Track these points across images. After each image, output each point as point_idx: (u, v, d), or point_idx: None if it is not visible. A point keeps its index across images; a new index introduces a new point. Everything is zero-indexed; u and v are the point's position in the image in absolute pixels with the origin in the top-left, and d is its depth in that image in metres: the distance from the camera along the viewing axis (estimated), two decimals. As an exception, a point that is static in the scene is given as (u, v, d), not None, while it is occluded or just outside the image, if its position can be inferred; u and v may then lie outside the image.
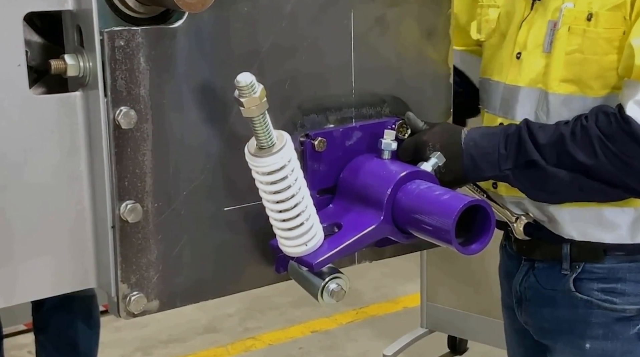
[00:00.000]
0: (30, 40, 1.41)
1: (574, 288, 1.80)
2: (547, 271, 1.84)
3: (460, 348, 4.11)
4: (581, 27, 1.68)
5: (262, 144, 1.36)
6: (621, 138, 1.59)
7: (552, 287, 1.84)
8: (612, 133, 1.59)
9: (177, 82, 1.38)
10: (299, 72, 1.50)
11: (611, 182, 1.62)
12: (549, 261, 1.83)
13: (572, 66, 1.69)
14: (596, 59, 1.67)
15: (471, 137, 1.65)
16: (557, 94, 1.71)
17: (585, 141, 1.61)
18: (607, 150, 1.59)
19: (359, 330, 4.41)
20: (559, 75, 1.71)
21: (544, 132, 1.64)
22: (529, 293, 1.89)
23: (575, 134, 1.62)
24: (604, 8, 1.66)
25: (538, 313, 1.88)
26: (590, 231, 1.75)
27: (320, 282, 1.46)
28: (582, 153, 1.60)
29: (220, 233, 1.47)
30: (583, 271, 1.79)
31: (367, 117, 1.60)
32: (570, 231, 1.76)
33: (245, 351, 4.24)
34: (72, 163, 1.36)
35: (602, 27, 1.66)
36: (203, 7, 1.32)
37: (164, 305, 1.44)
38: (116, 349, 4.19)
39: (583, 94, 1.69)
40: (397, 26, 1.60)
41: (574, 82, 1.70)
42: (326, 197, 1.56)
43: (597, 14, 1.66)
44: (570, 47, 1.69)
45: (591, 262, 1.78)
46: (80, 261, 1.40)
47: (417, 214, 1.46)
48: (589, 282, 1.79)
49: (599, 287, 1.78)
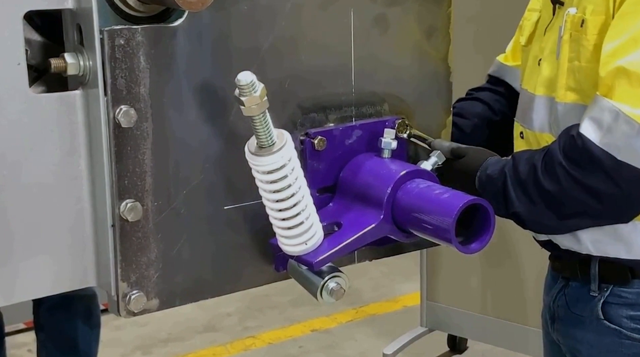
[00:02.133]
0: (30, 39, 1.41)
1: (602, 316, 1.75)
2: (578, 291, 1.79)
3: (460, 347, 4.11)
4: (577, 33, 1.64)
5: (263, 143, 1.36)
6: (580, 159, 1.54)
7: (580, 311, 1.79)
8: (573, 155, 1.55)
9: (177, 81, 1.38)
10: (299, 70, 1.50)
11: (585, 212, 1.59)
12: (580, 281, 1.78)
13: (574, 74, 1.65)
14: (590, 66, 1.61)
15: (481, 179, 1.65)
16: (563, 103, 1.67)
17: (550, 168, 1.58)
18: (568, 175, 1.56)
19: (359, 329, 4.41)
20: (564, 83, 1.66)
21: (525, 164, 1.62)
22: (560, 312, 1.85)
23: (546, 162, 1.59)
24: (592, 14, 1.61)
25: (569, 333, 1.83)
26: (607, 248, 1.70)
27: (319, 281, 1.46)
28: (549, 182, 1.58)
29: (220, 232, 1.47)
30: (611, 295, 1.73)
31: (367, 116, 1.59)
32: (588, 246, 1.71)
33: (244, 350, 4.24)
34: (72, 162, 1.36)
35: (591, 33, 1.61)
36: (203, 5, 1.32)
37: (164, 304, 1.44)
38: (116, 348, 4.19)
39: (585, 104, 1.62)
40: (397, 25, 1.60)
41: (576, 90, 1.65)
42: (326, 196, 1.56)
43: (586, 20, 1.62)
44: (571, 54, 1.65)
45: (619, 286, 1.73)
46: (80, 260, 1.40)
47: (417, 213, 1.46)
48: (618, 308, 1.73)
49: (628, 315, 1.72)
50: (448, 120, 1.72)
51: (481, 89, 2.03)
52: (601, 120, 1.53)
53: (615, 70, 1.53)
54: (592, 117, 1.54)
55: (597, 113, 1.54)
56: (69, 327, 3.18)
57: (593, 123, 1.54)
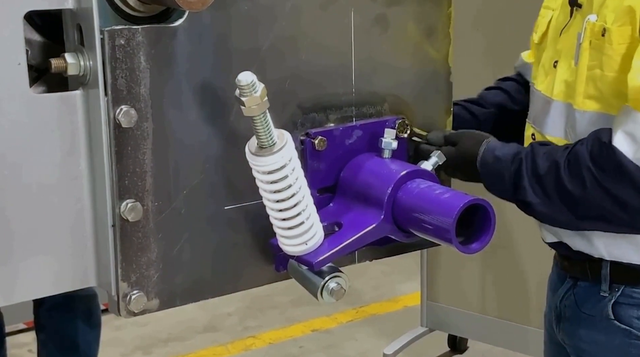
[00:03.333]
0: (31, 39, 1.41)
1: (612, 316, 1.74)
2: (588, 291, 1.78)
3: (460, 347, 4.11)
4: (599, 42, 1.61)
5: (263, 143, 1.36)
6: (609, 169, 1.54)
7: (590, 311, 1.78)
8: (602, 163, 1.54)
9: (177, 81, 1.38)
10: (299, 70, 1.50)
11: (604, 216, 1.59)
12: (590, 281, 1.77)
13: (594, 82, 1.63)
14: (614, 76, 1.59)
15: (486, 159, 1.65)
16: (582, 111, 1.65)
17: (575, 170, 1.57)
18: (596, 181, 1.55)
19: (359, 329, 4.41)
20: (583, 90, 1.64)
21: (546, 159, 1.61)
22: (568, 312, 1.84)
23: (570, 162, 1.58)
24: (615, 24, 1.59)
25: (575, 334, 1.82)
26: (621, 252, 1.70)
27: (320, 281, 1.46)
28: (572, 184, 1.57)
29: (221, 232, 1.47)
30: (622, 295, 1.73)
31: (368, 116, 1.59)
32: (601, 250, 1.71)
33: (245, 350, 4.24)
34: (72, 162, 1.36)
35: (616, 43, 1.58)
36: (203, 5, 1.32)
37: (164, 304, 1.44)
38: (116, 348, 4.19)
39: (607, 112, 1.61)
40: (397, 25, 1.60)
41: (596, 99, 1.63)
42: (326, 196, 1.56)
43: (609, 29, 1.59)
44: (592, 62, 1.63)
45: (631, 287, 1.72)
46: (81, 260, 1.40)
47: (418, 213, 1.46)
48: (629, 309, 1.73)
49: (639, 315, 1.72)
50: (448, 121, 1.72)
51: (507, 79, 2.05)
52: (635, 134, 1.52)
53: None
54: (626, 131, 1.53)
55: (631, 127, 1.53)
56: (70, 328, 3.18)
57: (627, 137, 1.53)
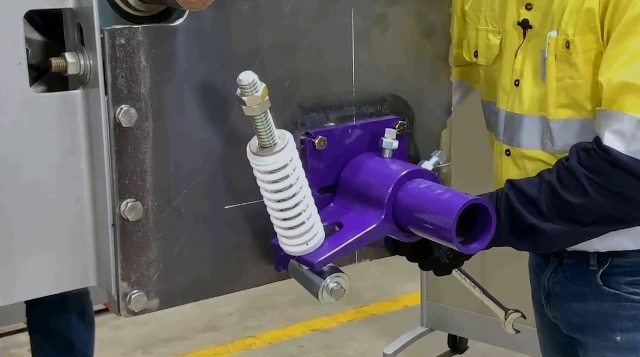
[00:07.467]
0: (31, 39, 1.41)
1: (601, 282, 1.83)
2: (575, 267, 1.87)
3: (460, 347, 4.11)
4: (564, 53, 1.72)
5: (264, 143, 1.35)
6: (606, 170, 1.61)
7: (579, 282, 1.87)
8: (596, 167, 1.61)
9: (177, 81, 1.38)
10: (299, 70, 1.50)
11: (611, 216, 1.64)
12: (577, 258, 1.85)
13: (565, 91, 1.74)
14: (585, 81, 1.71)
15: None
16: (556, 120, 1.76)
17: (573, 182, 1.63)
18: (596, 185, 1.61)
19: (359, 329, 4.41)
20: (554, 101, 1.75)
21: (532, 185, 1.66)
22: (557, 288, 1.92)
23: (562, 179, 1.64)
24: (577, 35, 1.70)
25: (567, 308, 1.91)
26: (614, 243, 1.79)
27: (320, 281, 1.46)
28: (573, 195, 1.62)
29: (221, 231, 1.47)
30: (610, 266, 1.82)
31: (368, 116, 1.59)
32: (595, 245, 1.80)
33: (245, 350, 4.25)
34: (73, 161, 1.36)
35: (582, 51, 1.70)
36: (204, 5, 1.32)
37: (164, 303, 1.43)
38: (116, 348, 4.20)
39: (580, 116, 1.73)
40: (397, 24, 1.60)
41: (569, 106, 1.74)
42: (327, 195, 1.55)
43: (572, 41, 1.70)
44: (559, 74, 1.73)
45: (618, 257, 1.80)
46: (80, 259, 1.40)
47: (418, 213, 1.46)
48: (617, 277, 1.82)
49: (626, 281, 1.81)
50: (448, 120, 1.72)
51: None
52: (623, 131, 1.61)
53: (620, 86, 1.61)
54: (613, 130, 1.61)
55: (616, 125, 1.62)
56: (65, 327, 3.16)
57: (616, 135, 1.61)
